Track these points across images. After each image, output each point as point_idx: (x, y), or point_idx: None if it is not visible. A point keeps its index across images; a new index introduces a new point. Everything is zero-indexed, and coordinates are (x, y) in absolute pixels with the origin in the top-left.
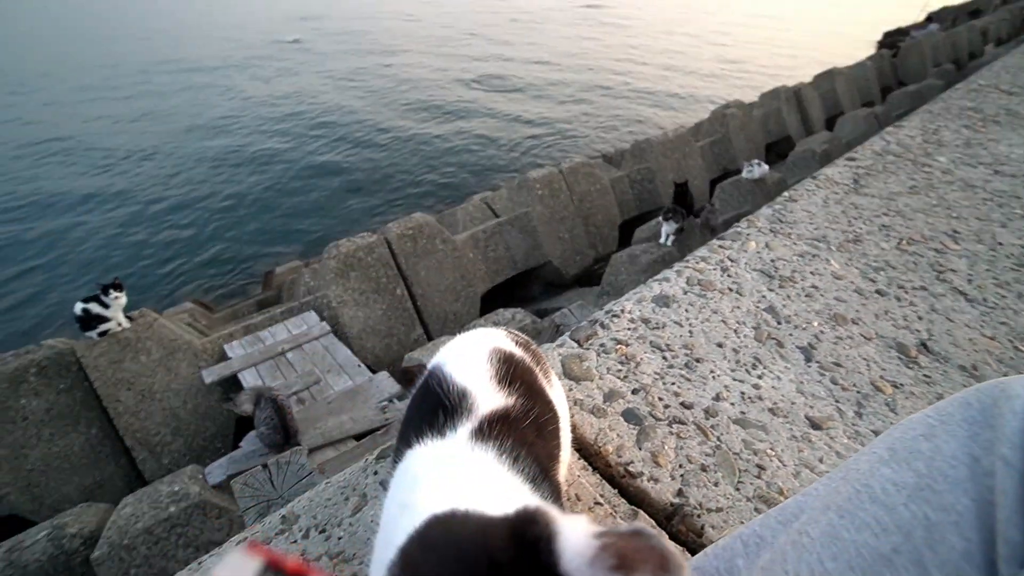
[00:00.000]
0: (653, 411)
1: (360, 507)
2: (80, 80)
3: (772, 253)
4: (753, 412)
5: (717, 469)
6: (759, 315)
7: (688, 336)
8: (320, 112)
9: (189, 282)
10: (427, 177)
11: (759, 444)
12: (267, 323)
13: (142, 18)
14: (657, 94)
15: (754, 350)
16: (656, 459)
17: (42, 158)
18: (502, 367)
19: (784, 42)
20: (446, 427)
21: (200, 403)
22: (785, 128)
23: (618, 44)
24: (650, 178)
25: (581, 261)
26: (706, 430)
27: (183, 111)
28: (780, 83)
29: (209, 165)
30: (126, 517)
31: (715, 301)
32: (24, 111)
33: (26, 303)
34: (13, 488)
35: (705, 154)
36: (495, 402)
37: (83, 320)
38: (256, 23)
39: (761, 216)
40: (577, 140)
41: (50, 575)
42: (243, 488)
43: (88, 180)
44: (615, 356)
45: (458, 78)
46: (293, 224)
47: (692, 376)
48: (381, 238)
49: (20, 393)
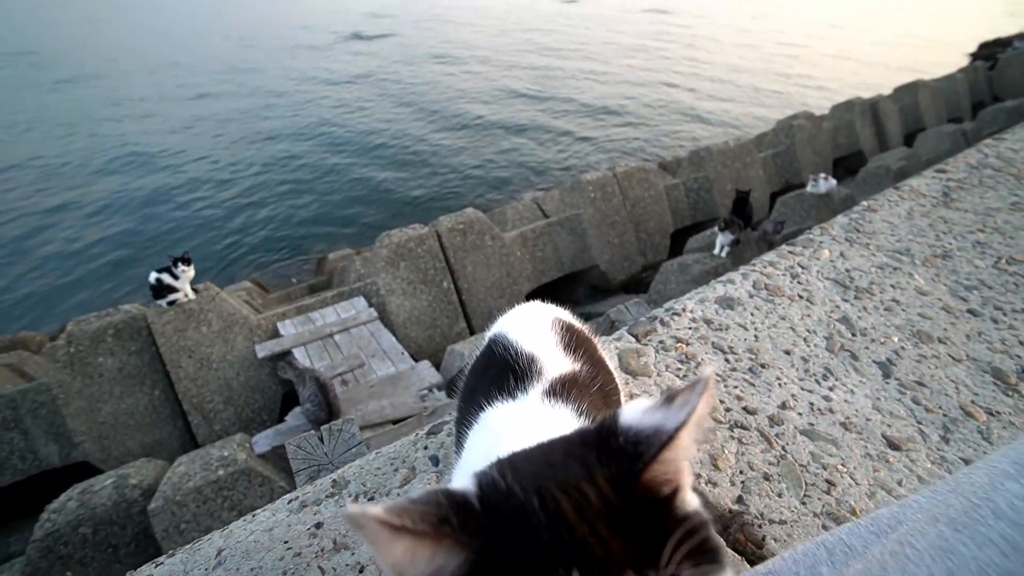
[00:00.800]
0: (713, 413)
1: (409, 479)
2: (164, 75)
3: (847, 263)
4: (823, 424)
5: (781, 480)
6: (832, 325)
7: (753, 340)
8: (386, 106)
9: (249, 262)
10: (481, 174)
11: (829, 458)
12: (318, 305)
13: (218, 14)
14: (721, 102)
15: (825, 360)
16: (715, 462)
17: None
18: (565, 335)
19: (864, 53)
20: (517, 390)
21: (252, 376)
22: (857, 142)
23: (682, 51)
24: (707, 187)
25: (629, 267)
26: (770, 438)
27: (260, 103)
28: (855, 94)
29: (278, 155)
30: (180, 475)
31: (783, 307)
32: (119, 99)
33: (113, 268)
34: (88, 437)
35: (767, 166)
36: (563, 366)
37: (155, 289)
38: (328, 18)
39: (835, 224)
40: (633, 145)
41: (113, 519)
42: (296, 450)
43: (171, 161)
44: (675, 354)
45: (518, 79)
46: (349, 213)
47: (756, 381)
48: (432, 230)
49: (99, 351)
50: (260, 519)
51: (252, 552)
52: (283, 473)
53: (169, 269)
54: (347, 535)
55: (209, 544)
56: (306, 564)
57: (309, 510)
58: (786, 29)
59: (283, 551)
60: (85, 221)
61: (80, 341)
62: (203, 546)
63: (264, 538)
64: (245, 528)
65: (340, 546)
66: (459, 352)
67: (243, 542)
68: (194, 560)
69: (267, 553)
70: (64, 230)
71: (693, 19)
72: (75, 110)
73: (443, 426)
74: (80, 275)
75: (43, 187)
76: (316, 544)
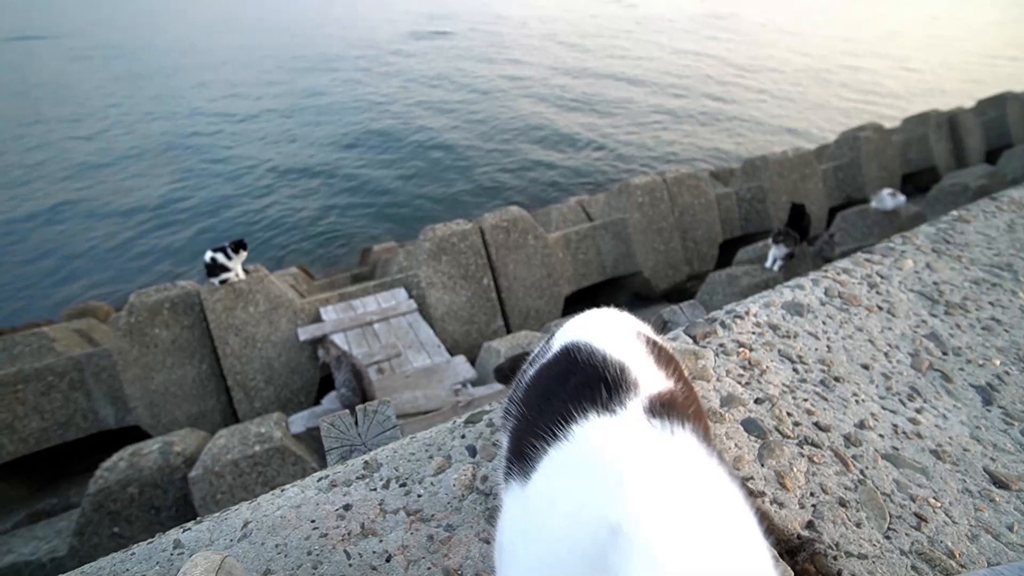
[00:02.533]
0: (780, 426)
1: (443, 468)
2: (237, 72)
3: (935, 275)
4: (909, 450)
5: (860, 508)
6: (918, 341)
7: (825, 351)
8: (441, 106)
9: (299, 249)
10: (531, 175)
11: (917, 489)
12: (360, 293)
13: (286, 12)
14: (786, 108)
15: (911, 379)
16: (782, 480)
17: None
18: (652, 348)
19: (949, 64)
20: (612, 402)
21: (292, 358)
22: (930, 158)
23: (745, 56)
24: (760, 198)
25: (673, 276)
26: (846, 459)
27: (320, 99)
28: (931, 106)
29: (334, 147)
30: (219, 447)
31: (860, 318)
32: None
33: (174, 247)
34: (140, 403)
35: (828, 178)
36: (659, 383)
37: (210, 267)
38: (395, 18)
39: (920, 233)
40: (685, 151)
41: (158, 482)
42: (329, 428)
43: (241, 150)
44: (736, 359)
45: (569, 82)
46: (396, 207)
47: (829, 396)
48: (476, 227)
49: (155, 323)
50: (289, 494)
51: (278, 528)
52: (315, 455)
53: (224, 249)
54: (375, 520)
55: (237, 515)
56: (332, 546)
57: (339, 490)
58: (861, 35)
59: (309, 530)
60: (162, 207)
61: (140, 312)
62: (231, 516)
63: (291, 515)
64: (273, 503)
65: (368, 531)
66: (495, 349)
67: (270, 516)
68: (220, 529)
69: (293, 531)
70: (140, 213)
71: (756, 25)
72: (150, 101)
73: (482, 415)
74: (153, 251)
75: (135, 172)
76: (343, 526)
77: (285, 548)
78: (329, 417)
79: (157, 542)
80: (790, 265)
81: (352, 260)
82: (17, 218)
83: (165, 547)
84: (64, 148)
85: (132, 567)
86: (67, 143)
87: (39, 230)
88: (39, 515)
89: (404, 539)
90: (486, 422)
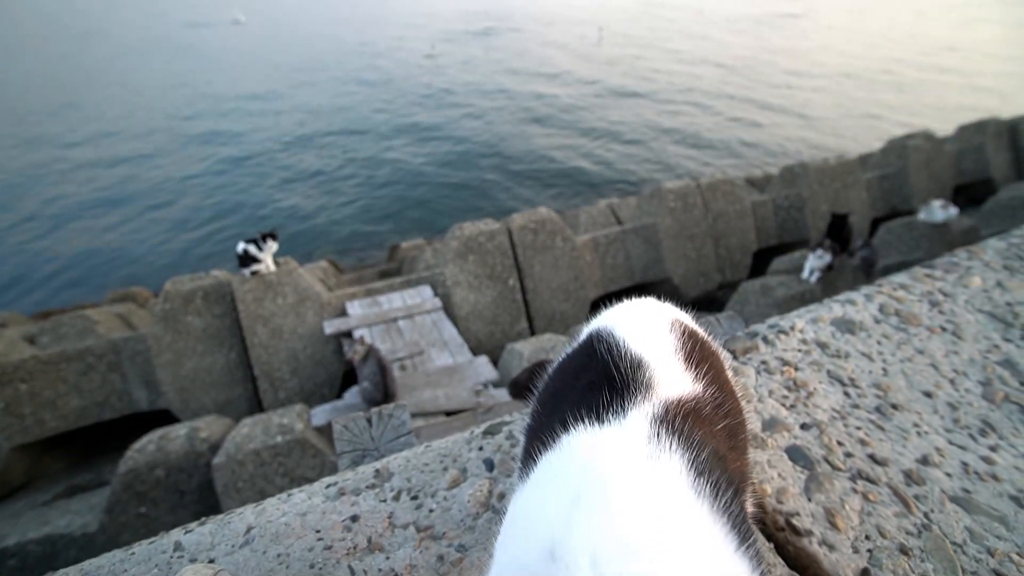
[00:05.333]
0: (829, 456)
1: (458, 482)
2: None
3: (1008, 295)
4: (983, 494)
5: (926, 558)
6: (989, 368)
7: (881, 374)
8: (477, 106)
9: (327, 243)
10: (558, 176)
11: (995, 541)
12: (386, 289)
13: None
14: (844, 111)
15: (982, 411)
16: (832, 519)
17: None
18: (687, 342)
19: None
20: (610, 409)
21: (317, 351)
22: (986, 169)
23: (812, 57)
24: (799, 206)
25: (704, 284)
26: (907, 499)
27: (365, 97)
28: (989, 114)
29: (371, 145)
30: (243, 436)
31: (921, 339)
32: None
33: (207, 236)
34: (171, 388)
35: (871, 188)
36: (682, 385)
37: (241, 258)
38: (441, 15)
39: (988, 248)
40: (724, 155)
41: (183, 466)
42: (342, 431)
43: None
44: (780, 379)
45: (616, 84)
46: (426, 206)
47: (886, 425)
48: (503, 227)
49: (188, 311)
50: (295, 500)
51: (282, 536)
52: (335, 449)
53: (256, 241)
54: (383, 535)
55: (241, 519)
56: (336, 560)
57: (347, 499)
58: (939, 37)
59: (314, 540)
60: (206, 195)
61: (174, 299)
62: (234, 520)
63: (296, 522)
64: (278, 508)
65: (375, 546)
66: (518, 351)
67: (274, 523)
68: (223, 533)
69: (297, 540)
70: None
71: (822, 26)
72: (196, 100)
73: (502, 427)
74: (194, 243)
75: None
76: (349, 539)
77: (287, 559)
78: (343, 419)
79: (158, 542)
80: (828, 277)
81: (380, 256)
82: (87, 203)
83: (165, 548)
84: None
85: (131, 568)
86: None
87: (108, 212)
88: (76, 488)
89: (412, 557)
90: (505, 434)
